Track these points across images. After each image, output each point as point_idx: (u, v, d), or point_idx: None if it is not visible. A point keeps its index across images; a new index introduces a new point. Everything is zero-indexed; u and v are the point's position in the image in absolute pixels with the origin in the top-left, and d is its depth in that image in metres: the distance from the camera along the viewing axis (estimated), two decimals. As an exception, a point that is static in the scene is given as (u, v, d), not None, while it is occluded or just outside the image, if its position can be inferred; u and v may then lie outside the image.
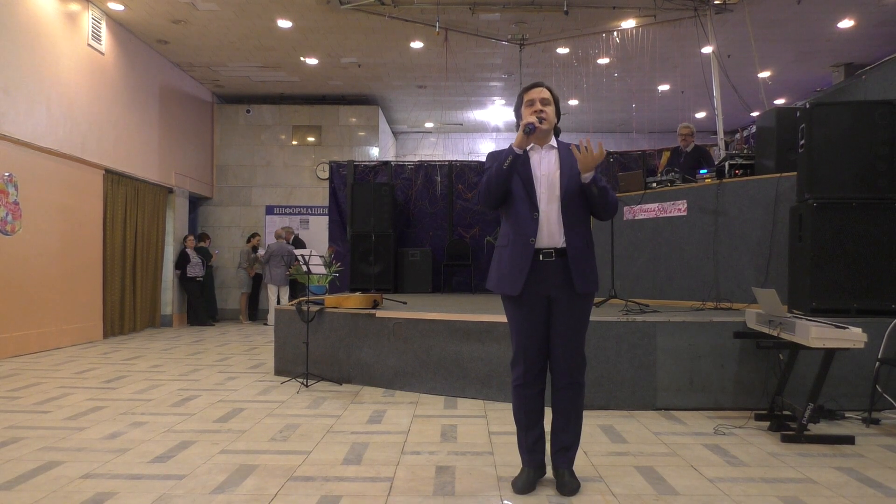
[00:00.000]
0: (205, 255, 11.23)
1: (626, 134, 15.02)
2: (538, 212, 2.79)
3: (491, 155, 2.95)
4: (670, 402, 4.39)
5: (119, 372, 5.99)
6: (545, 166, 2.84)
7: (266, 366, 6.35)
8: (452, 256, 9.29)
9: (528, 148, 2.83)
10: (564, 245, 2.78)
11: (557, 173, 2.82)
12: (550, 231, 2.78)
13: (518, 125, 2.91)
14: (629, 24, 8.93)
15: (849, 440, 3.61)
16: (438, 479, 3.02)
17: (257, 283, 11.71)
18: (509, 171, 2.77)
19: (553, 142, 2.90)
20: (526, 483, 2.84)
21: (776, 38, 9.54)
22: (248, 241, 11.77)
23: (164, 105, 10.63)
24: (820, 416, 3.90)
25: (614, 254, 5.97)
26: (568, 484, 2.81)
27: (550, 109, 2.85)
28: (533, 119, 2.76)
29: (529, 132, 2.73)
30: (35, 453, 3.41)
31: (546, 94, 2.86)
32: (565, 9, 8.18)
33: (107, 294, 8.84)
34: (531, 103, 2.86)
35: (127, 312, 9.36)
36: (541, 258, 2.78)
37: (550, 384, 2.91)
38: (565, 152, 2.86)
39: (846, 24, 8.98)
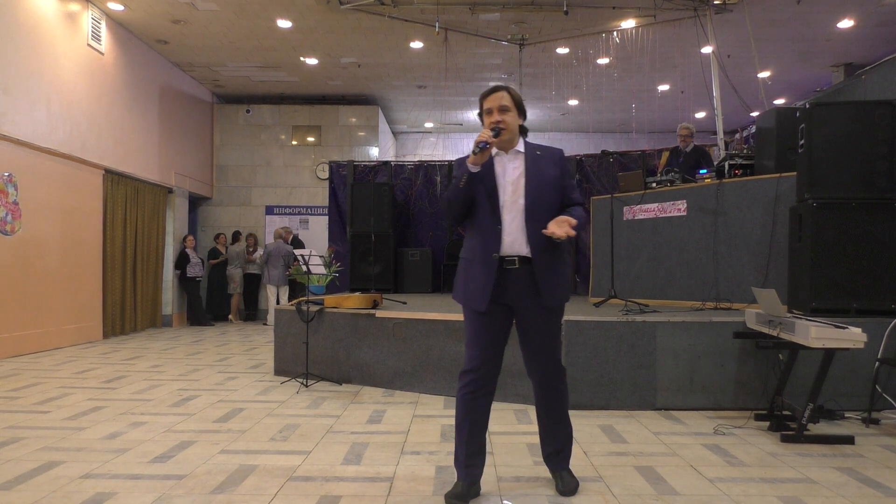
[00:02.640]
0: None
1: (625, 134, 15.03)
2: (500, 224, 2.67)
3: (457, 163, 2.79)
4: (670, 402, 4.39)
5: (119, 372, 5.99)
6: (510, 173, 2.71)
7: (266, 366, 6.35)
8: (452, 256, 9.27)
9: (493, 153, 2.70)
10: (529, 254, 2.67)
11: (523, 180, 2.70)
12: (514, 239, 2.67)
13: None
14: (629, 24, 8.93)
15: (848, 440, 3.61)
16: (438, 479, 3.01)
17: (249, 283, 11.68)
18: (466, 190, 2.65)
19: (520, 145, 2.75)
20: (459, 497, 2.68)
21: (776, 38, 9.54)
22: (237, 240, 11.75)
23: (164, 105, 10.63)
24: (820, 416, 3.91)
25: (614, 254, 5.97)
26: (567, 483, 2.81)
27: (510, 116, 2.68)
28: (485, 135, 2.59)
29: (482, 149, 2.56)
30: (35, 453, 3.40)
31: (505, 99, 2.69)
32: (565, 9, 8.18)
33: (107, 294, 8.83)
34: (489, 112, 2.70)
35: (127, 312, 9.36)
36: (504, 266, 2.67)
37: (533, 391, 2.86)
38: (532, 156, 2.74)
39: (846, 24, 8.98)
